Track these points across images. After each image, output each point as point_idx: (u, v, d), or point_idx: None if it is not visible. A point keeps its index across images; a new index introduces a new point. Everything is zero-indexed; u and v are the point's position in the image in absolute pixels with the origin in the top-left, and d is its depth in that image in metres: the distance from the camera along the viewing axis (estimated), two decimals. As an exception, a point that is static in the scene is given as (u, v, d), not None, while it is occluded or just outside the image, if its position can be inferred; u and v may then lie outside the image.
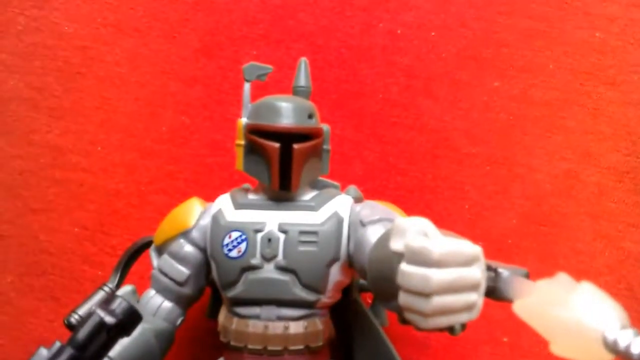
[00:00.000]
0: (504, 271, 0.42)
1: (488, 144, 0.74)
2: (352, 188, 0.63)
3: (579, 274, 0.68)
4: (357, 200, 0.61)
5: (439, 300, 0.38)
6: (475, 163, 0.74)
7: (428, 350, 0.71)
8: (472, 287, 0.39)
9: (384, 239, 0.50)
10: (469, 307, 0.39)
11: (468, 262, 0.39)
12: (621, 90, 0.73)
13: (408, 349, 0.69)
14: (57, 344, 0.46)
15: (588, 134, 0.73)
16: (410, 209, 0.62)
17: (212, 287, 0.68)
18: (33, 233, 0.74)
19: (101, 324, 0.46)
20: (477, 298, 0.40)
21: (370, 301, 0.68)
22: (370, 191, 0.69)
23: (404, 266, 0.40)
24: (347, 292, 0.64)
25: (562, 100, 0.74)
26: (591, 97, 0.73)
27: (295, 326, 0.57)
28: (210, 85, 0.75)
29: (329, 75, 0.75)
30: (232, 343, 0.57)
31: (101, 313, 0.47)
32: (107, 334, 0.47)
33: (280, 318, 0.57)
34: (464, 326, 0.45)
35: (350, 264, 0.58)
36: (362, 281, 0.68)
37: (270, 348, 0.56)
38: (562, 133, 0.73)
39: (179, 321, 0.61)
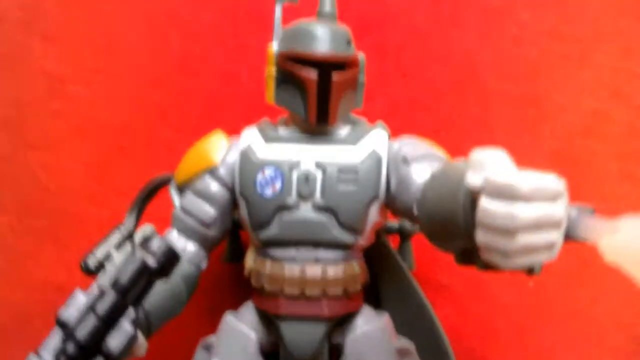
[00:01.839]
0: (572, 210, 0.40)
1: (516, 80, 0.71)
2: (380, 124, 0.59)
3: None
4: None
5: (523, 239, 0.36)
6: (503, 100, 0.71)
7: (451, 296, 0.69)
8: (556, 225, 0.37)
9: (445, 177, 0.47)
10: (550, 246, 0.38)
11: (554, 197, 0.37)
12: (654, 26, 0.71)
13: (432, 293, 0.66)
14: (96, 287, 0.43)
15: (619, 71, 0.70)
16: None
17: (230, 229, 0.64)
18: (31, 170, 0.68)
19: (144, 267, 0.43)
20: (558, 236, 0.38)
21: (396, 244, 0.65)
22: (394, 128, 0.65)
23: (485, 202, 0.37)
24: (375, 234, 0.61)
25: (593, 35, 0.70)
26: (623, 33, 0.70)
27: (334, 269, 0.54)
28: (223, 10, 0.68)
29: (351, 1, 0.70)
30: (267, 287, 0.54)
31: (144, 255, 0.43)
32: (149, 277, 0.44)
33: (317, 260, 0.54)
34: (542, 266, 0.43)
35: (389, 203, 0.54)
36: (389, 223, 0.65)
37: (308, 293, 0.53)
38: (592, 70, 0.70)
39: (203, 264, 0.58)
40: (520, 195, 0.35)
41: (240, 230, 0.64)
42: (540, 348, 0.69)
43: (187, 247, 0.56)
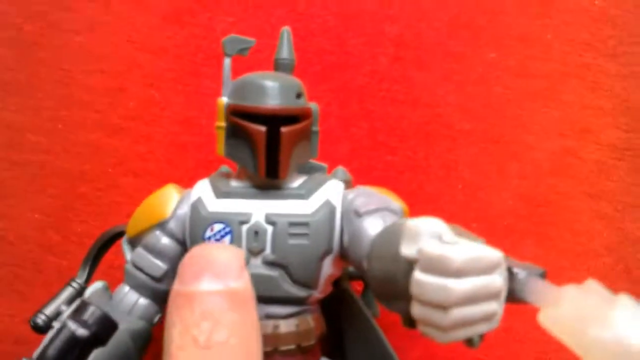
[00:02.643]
0: (520, 271, 0.39)
1: (483, 120, 0.70)
2: (341, 170, 0.58)
3: (577, 256, 0.66)
4: (347, 183, 0.57)
5: (458, 313, 0.35)
6: (470, 140, 0.70)
7: (420, 340, 0.67)
8: (493, 296, 0.36)
9: (389, 237, 0.46)
10: (489, 317, 0.36)
11: (490, 269, 0.36)
12: (621, 62, 0.69)
13: (398, 339, 0.65)
14: None
15: (587, 109, 0.69)
16: (401, 190, 0.58)
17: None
18: (-11, 221, 0.67)
19: (73, 338, 0.42)
20: (497, 307, 0.37)
21: (360, 289, 0.64)
22: (358, 171, 0.64)
23: (419, 275, 0.36)
24: (337, 281, 0.60)
25: (560, 72, 0.69)
26: (590, 69, 0.69)
27: (285, 325, 0.53)
28: (181, 56, 0.68)
29: (313, 45, 0.69)
30: (216, 345, 0.53)
31: (72, 325, 0.42)
32: (81, 350, 0.43)
33: (269, 316, 0.52)
34: (482, 337, 0.42)
35: (344, 256, 0.53)
36: (351, 269, 0.64)
37: None
38: (560, 108, 0.69)
39: (156, 318, 0.57)
40: (454, 268, 0.34)
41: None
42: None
43: (138, 302, 0.55)
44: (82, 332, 0.42)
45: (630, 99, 0.69)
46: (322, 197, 0.53)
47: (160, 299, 0.56)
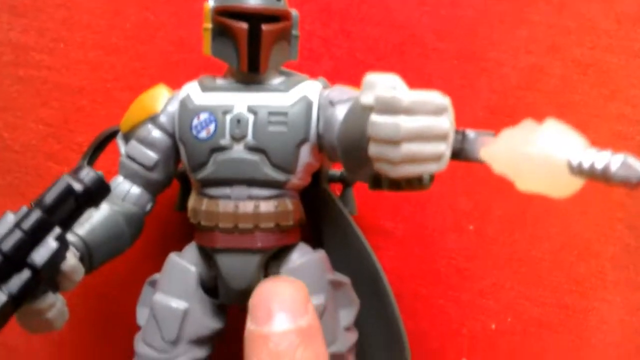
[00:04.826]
0: (470, 132, 0.43)
1: (455, 39, 0.74)
2: (322, 79, 0.63)
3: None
4: (325, 87, 0.61)
5: (408, 148, 0.39)
6: (442, 58, 0.74)
7: (394, 239, 0.72)
8: (441, 137, 0.40)
9: (354, 105, 0.51)
10: (437, 157, 0.40)
11: (437, 111, 0.40)
12: (585, -16, 0.74)
13: (375, 237, 0.70)
14: (24, 208, 0.45)
15: (553, 27, 0.73)
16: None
17: (180, 180, 0.68)
18: (-4, 131, 0.73)
19: (69, 189, 0.45)
20: (445, 148, 0.41)
21: (338, 193, 0.69)
22: (338, 86, 0.68)
23: (374, 117, 0.40)
24: (317, 182, 0.65)
25: (528, -6, 0.74)
26: (556, -10, 0.74)
27: (265, 205, 0.57)
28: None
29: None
30: (203, 223, 0.58)
31: (69, 179, 0.46)
32: (75, 202, 0.47)
33: (250, 197, 0.57)
34: (432, 178, 0.46)
35: (320, 146, 0.58)
36: (331, 172, 0.68)
37: (241, 226, 0.57)
38: (527, 27, 0.74)
39: (148, 207, 0.61)
40: (403, 107, 0.39)
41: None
42: (480, 289, 0.71)
43: (131, 190, 0.60)
44: (77, 186, 0.46)
45: (595, 18, 0.73)
46: (300, 92, 0.58)
47: (152, 187, 0.61)
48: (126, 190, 0.60)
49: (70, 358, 0.72)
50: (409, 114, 0.38)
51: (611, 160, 0.35)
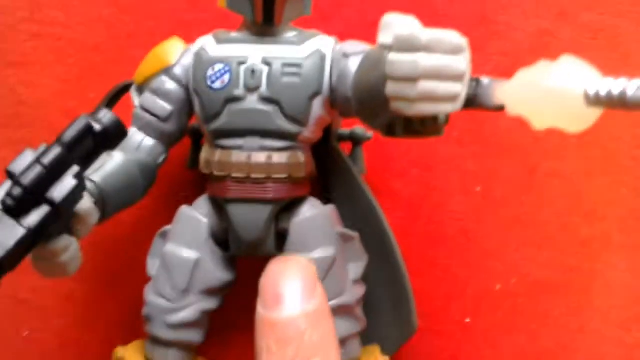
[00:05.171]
0: (485, 79, 0.44)
1: (466, 5, 0.75)
2: (333, 37, 0.63)
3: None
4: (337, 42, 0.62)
5: (425, 85, 0.40)
6: (454, 23, 0.74)
7: (402, 201, 0.73)
8: (458, 77, 0.41)
9: (369, 53, 0.52)
10: (453, 97, 0.41)
11: (455, 50, 0.41)
12: (597, -51, 0.74)
13: (383, 198, 0.70)
14: (44, 145, 0.46)
15: (563, -8, 0.74)
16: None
17: (192, 136, 0.69)
18: (11, 86, 0.73)
19: (88, 127, 0.46)
20: (461, 88, 0.42)
21: (348, 152, 0.69)
22: (350, 48, 0.69)
23: (392, 55, 0.41)
24: (327, 139, 0.66)
25: (538, -40, 0.74)
26: (567, -44, 0.74)
27: (278, 156, 0.58)
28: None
29: None
30: (215, 173, 0.59)
31: (88, 119, 0.47)
32: (93, 142, 0.47)
33: (263, 148, 0.58)
34: (447, 118, 0.47)
35: (333, 100, 0.59)
36: (340, 131, 0.69)
37: (253, 176, 0.58)
38: (538, -8, 0.74)
39: (161, 159, 0.62)
40: (421, 45, 0.39)
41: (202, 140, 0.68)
42: (486, 250, 0.72)
43: (144, 141, 0.61)
44: (96, 126, 0.47)
45: (605, -17, 0.74)
46: (314, 46, 0.59)
47: (166, 139, 0.62)
48: (140, 141, 0.61)
49: (79, 311, 0.73)
50: (427, 51, 0.39)
51: (628, 86, 0.36)
